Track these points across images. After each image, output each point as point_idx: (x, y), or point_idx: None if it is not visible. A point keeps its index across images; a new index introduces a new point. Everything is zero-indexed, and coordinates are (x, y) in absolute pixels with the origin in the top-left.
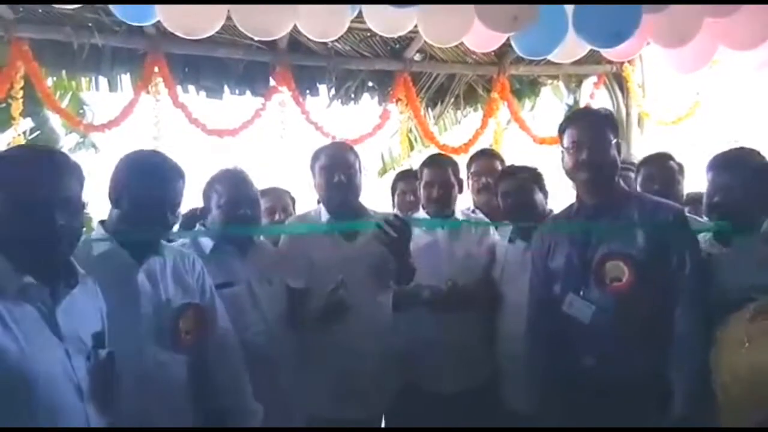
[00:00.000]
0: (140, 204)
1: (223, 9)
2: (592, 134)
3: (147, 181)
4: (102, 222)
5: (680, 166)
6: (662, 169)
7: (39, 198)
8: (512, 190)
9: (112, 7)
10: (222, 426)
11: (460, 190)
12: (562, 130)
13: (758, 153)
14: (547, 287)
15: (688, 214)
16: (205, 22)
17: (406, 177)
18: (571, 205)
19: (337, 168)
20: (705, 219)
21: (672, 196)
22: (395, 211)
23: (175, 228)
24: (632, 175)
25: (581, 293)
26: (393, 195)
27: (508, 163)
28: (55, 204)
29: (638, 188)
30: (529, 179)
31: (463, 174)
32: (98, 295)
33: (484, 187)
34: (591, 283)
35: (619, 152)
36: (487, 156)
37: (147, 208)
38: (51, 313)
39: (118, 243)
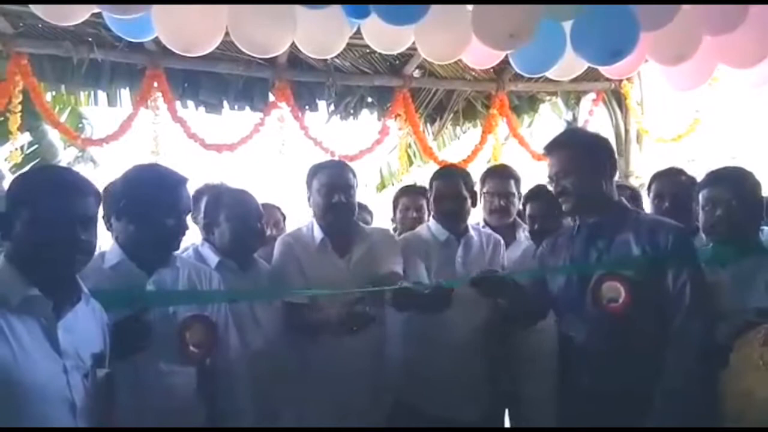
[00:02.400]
0: (146, 215)
1: (221, 26)
2: (566, 165)
3: (152, 191)
4: (116, 237)
5: (693, 180)
6: (672, 184)
7: (64, 213)
8: (538, 215)
9: (110, 23)
10: None
11: (474, 203)
12: (545, 155)
13: (748, 170)
14: None
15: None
16: (203, 40)
17: (409, 192)
18: (573, 225)
19: (337, 188)
20: None
21: (683, 212)
22: (396, 226)
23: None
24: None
25: (577, 313)
26: (395, 210)
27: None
28: (76, 219)
29: (650, 205)
30: (556, 203)
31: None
32: (102, 317)
33: (497, 209)
34: (587, 303)
35: (603, 173)
36: (502, 176)
37: (154, 218)
38: (52, 327)
39: (127, 255)
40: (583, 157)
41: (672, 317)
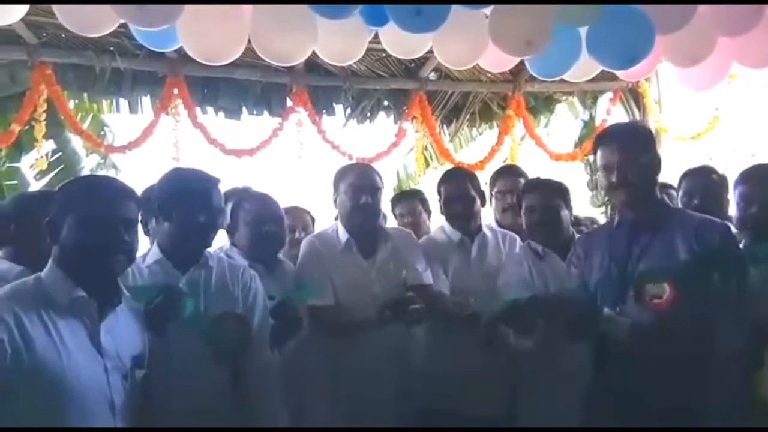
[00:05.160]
0: (178, 213)
1: (243, 36)
2: (624, 156)
3: (183, 189)
4: (157, 239)
5: (723, 178)
6: (703, 183)
7: (108, 215)
8: (537, 205)
9: (135, 33)
10: None
11: (483, 203)
12: (595, 148)
13: None
14: None
15: None
16: (226, 49)
17: (402, 199)
18: (613, 219)
19: (364, 190)
20: None
21: (714, 211)
22: None
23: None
24: (673, 192)
25: (617, 309)
26: (395, 217)
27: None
28: (120, 221)
29: (680, 203)
30: (557, 194)
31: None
32: (141, 318)
33: (509, 207)
34: (629, 300)
35: (656, 167)
36: (511, 174)
37: (184, 215)
38: (95, 328)
39: (164, 255)
40: (642, 149)
41: (716, 317)
